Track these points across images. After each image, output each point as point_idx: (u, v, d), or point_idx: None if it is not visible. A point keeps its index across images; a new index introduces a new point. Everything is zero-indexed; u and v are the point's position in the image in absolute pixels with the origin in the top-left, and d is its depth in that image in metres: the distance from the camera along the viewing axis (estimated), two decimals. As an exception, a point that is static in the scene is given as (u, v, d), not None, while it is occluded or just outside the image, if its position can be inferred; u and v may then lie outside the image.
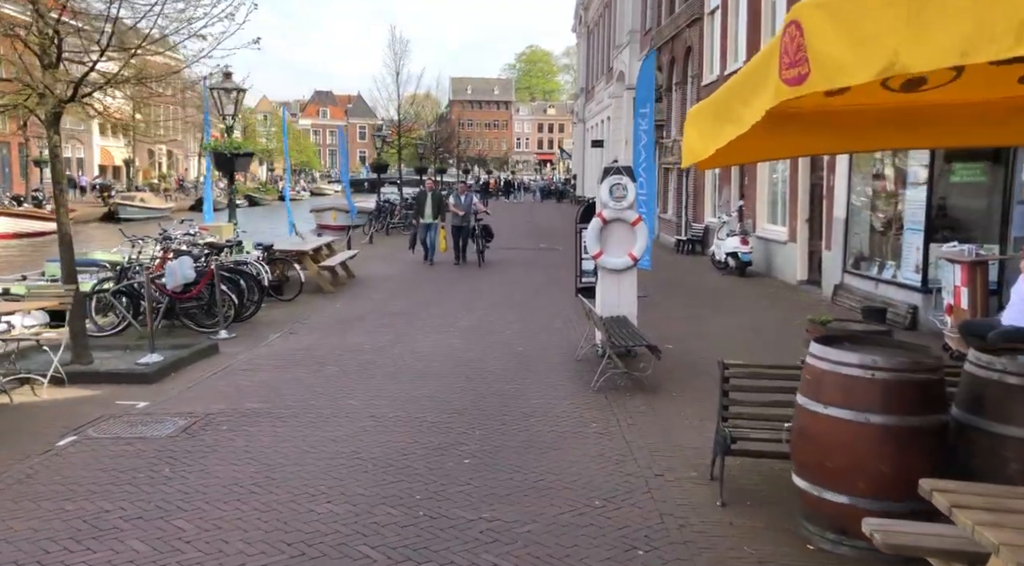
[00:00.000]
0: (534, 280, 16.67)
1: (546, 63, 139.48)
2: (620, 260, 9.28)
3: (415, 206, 20.49)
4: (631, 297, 9.38)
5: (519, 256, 21.51)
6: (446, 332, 11.03)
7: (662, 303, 13.05)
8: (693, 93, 23.73)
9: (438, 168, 54.29)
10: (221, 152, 14.54)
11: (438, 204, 19.10)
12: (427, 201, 19.15)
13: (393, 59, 38.31)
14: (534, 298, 14.24)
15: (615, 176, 9.23)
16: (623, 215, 9.25)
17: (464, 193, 19.80)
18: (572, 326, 11.50)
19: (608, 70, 42.33)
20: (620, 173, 9.24)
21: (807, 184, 15.14)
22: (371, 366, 8.99)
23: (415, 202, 21.23)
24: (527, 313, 12.67)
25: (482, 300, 13.99)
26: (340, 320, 12.09)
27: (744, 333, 10.95)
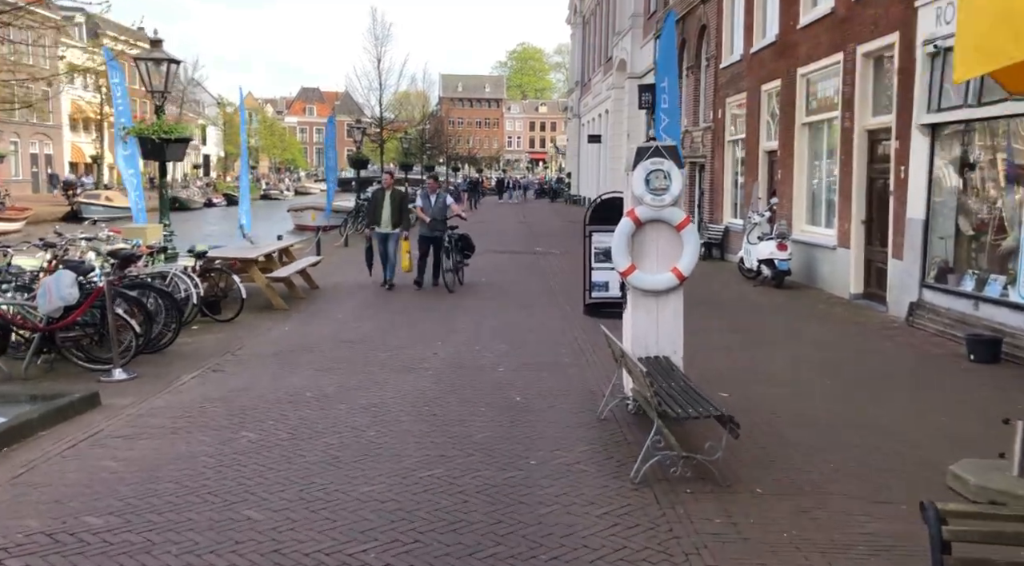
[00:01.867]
0: (530, 293, 13.94)
1: (538, 61, 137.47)
2: (661, 278, 6.57)
3: (368, 210, 14.62)
4: (675, 330, 6.67)
5: (511, 263, 18.75)
6: (417, 370, 8.29)
7: (691, 324, 10.33)
8: (708, 77, 21.07)
9: (426, 165, 51.50)
10: (148, 137, 11.76)
11: (400, 207, 13.83)
12: (384, 203, 13.83)
13: (374, 45, 35.41)
14: (531, 318, 11.51)
15: (653, 159, 6.51)
16: (665, 214, 6.54)
17: (434, 192, 14.27)
18: (584, 359, 8.79)
19: (607, 60, 39.67)
20: (660, 155, 6.53)
21: (864, 178, 12.46)
22: (305, 432, 6.25)
23: (368, 204, 14.94)
24: (524, 340, 9.94)
25: (466, 321, 11.26)
26: (284, 350, 9.35)
27: (816, 373, 8.25)
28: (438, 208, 14.04)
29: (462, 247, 14.38)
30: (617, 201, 12.14)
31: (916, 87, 10.48)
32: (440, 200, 14.13)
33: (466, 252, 14.54)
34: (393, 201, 13.87)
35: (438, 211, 14.00)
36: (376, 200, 14.11)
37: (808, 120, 14.74)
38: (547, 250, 21.51)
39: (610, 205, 11.83)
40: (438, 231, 13.91)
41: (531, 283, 15.06)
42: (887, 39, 11.44)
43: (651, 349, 6.63)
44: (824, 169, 14.43)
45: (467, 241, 14.51)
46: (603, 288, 11.66)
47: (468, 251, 14.59)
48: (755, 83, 17.27)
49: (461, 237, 14.38)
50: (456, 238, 14.20)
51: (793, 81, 15.03)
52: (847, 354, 9.15)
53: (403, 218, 13.85)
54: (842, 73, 12.94)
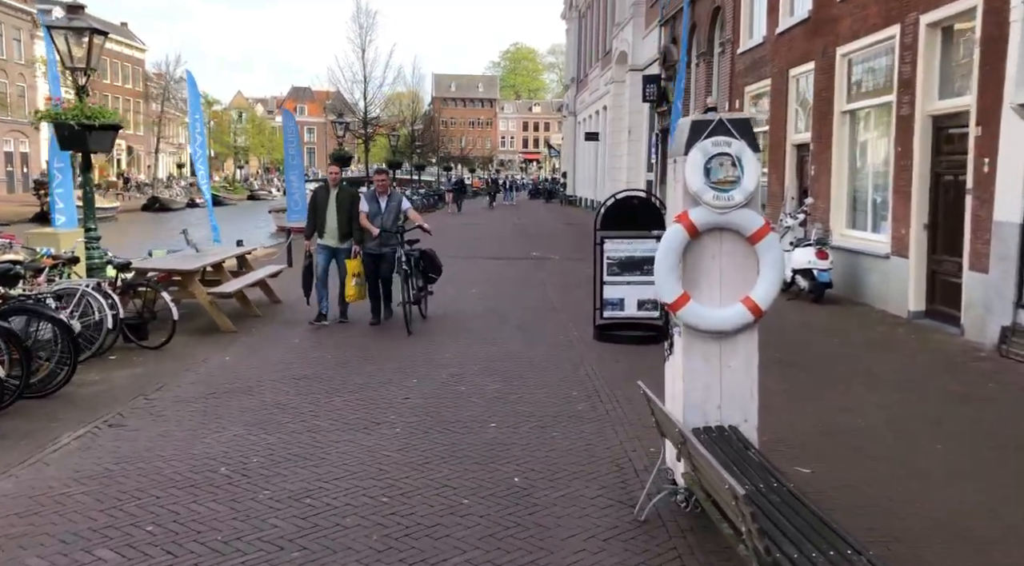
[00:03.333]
0: (528, 310, 11.84)
1: (531, 61, 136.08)
2: (727, 313, 4.49)
3: (308, 215, 10.67)
4: (747, 388, 4.58)
5: (505, 271, 16.64)
6: (378, 427, 6.18)
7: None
8: (724, 64, 19.01)
9: (416, 165, 49.43)
10: (64, 123, 9.62)
11: (350, 211, 10.16)
12: (329, 207, 10.21)
13: (358, 34, 33.23)
14: (530, 345, 9.41)
15: (716, 139, 4.43)
16: (734, 220, 4.45)
17: (385, 193, 10.35)
18: (603, 405, 6.70)
19: (605, 54, 37.63)
20: (727, 133, 4.45)
21: (927, 173, 10.42)
22: (196, 547, 4.15)
23: (309, 208, 10.82)
24: (522, 377, 7.84)
25: (450, 349, 9.17)
26: (214, 391, 7.24)
27: (916, 431, 6.18)
28: (390, 215, 10.16)
29: (425, 268, 10.58)
30: (635, 202, 10.05)
31: (1010, 59, 8.43)
32: (393, 204, 10.25)
33: (430, 275, 10.73)
34: (341, 204, 10.17)
35: (390, 219, 10.14)
36: (318, 202, 10.32)
37: (850, 107, 12.69)
38: (545, 255, 19.43)
39: (625, 207, 9.79)
40: (389, 247, 10.09)
41: (528, 297, 12.95)
42: (964, 2, 9.40)
43: (711, 416, 4.55)
44: (871, 164, 12.38)
45: (431, 261, 10.67)
46: (617, 306, 9.60)
47: (432, 273, 10.77)
48: (781, 67, 15.23)
49: (423, 255, 10.57)
50: (416, 257, 10.37)
51: (831, 63, 12.98)
52: (942, 400, 7.08)
53: (353, 227, 10.19)
54: (898, 49, 10.89)
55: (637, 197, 9.82)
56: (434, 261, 10.79)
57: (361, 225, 10.11)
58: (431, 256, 10.75)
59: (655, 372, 8.19)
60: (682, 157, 4.49)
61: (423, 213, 38.84)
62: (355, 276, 9.97)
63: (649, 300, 9.49)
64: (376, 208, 10.18)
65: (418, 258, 10.46)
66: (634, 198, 9.80)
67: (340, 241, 10.26)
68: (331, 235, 10.30)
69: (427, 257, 10.68)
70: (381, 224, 10.08)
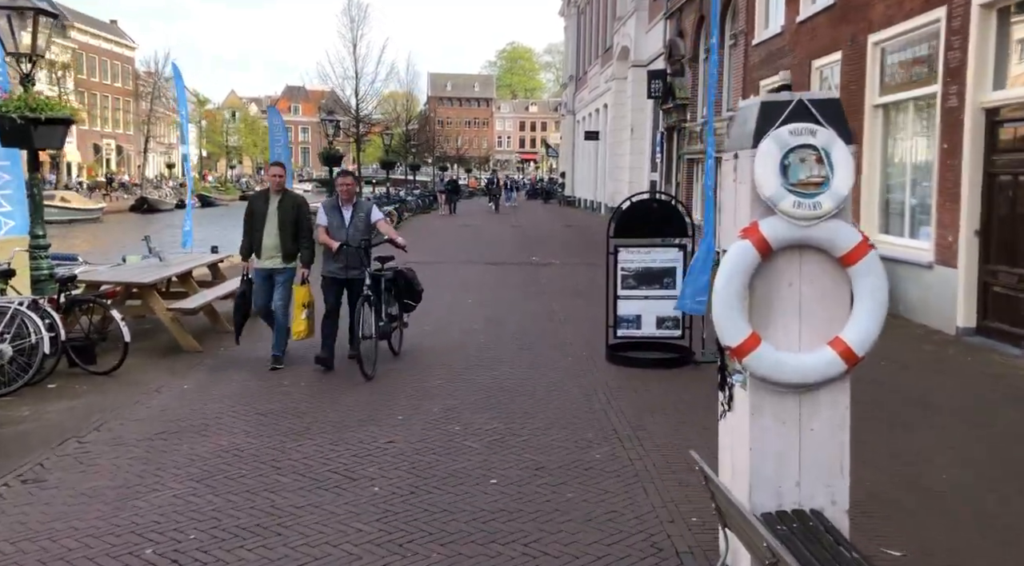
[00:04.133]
0: (529, 326, 10.69)
1: (528, 60, 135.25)
2: (810, 359, 3.34)
3: (244, 228, 8.26)
4: (836, 459, 3.43)
5: (502, 278, 15.48)
6: (354, 484, 5.02)
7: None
8: (736, 57, 17.90)
9: (410, 164, 48.23)
10: (5, 116, 8.44)
11: (294, 224, 8.02)
12: (268, 218, 8.02)
13: (349, 28, 31.99)
14: (534, 369, 8.26)
15: (797, 125, 3.30)
16: (820, 235, 3.31)
17: (350, 202, 8.11)
18: (626, 451, 5.55)
19: (605, 50, 36.52)
20: (809, 117, 3.31)
21: (979, 172, 9.29)
22: None
23: (244, 220, 8.31)
24: (526, 413, 6.69)
25: (441, 373, 8.02)
26: (162, 431, 6.09)
27: (1013, 488, 5.05)
28: (356, 229, 7.93)
29: (401, 293, 8.57)
30: (653, 205, 8.93)
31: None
32: (360, 215, 8.01)
33: (407, 302, 8.68)
34: (284, 215, 7.93)
35: (356, 233, 7.91)
36: (254, 212, 8.07)
37: (883, 100, 11.56)
38: (545, 260, 18.28)
39: (641, 211, 8.65)
40: (355, 268, 7.89)
41: (529, 308, 11.80)
42: (1027, -21, 8.29)
43: (787, 496, 3.40)
44: (908, 162, 11.25)
45: (409, 283, 8.59)
46: (633, 324, 8.46)
47: (409, 299, 8.70)
48: (803, 59, 14.11)
49: (398, 275, 8.49)
50: (388, 278, 8.35)
51: (861, 52, 11.85)
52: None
53: (301, 244, 8.01)
54: (944, 34, 9.77)
55: (656, 200, 8.67)
56: (412, 284, 8.60)
57: (320, 241, 8.00)
58: (408, 277, 8.59)
59: (682, 406, 6.96)
60: (748, 151, 3.36)
61: (418, 215, 37.73)
62: (305, 307, 7.86)
63: (670, 317, 8.36)
64: (338, 220, 7.96)
65: (391, 279, 8.39)
66: (653, 201, 8.66)
67: (284, 262, 8.00)
68: (270, 254, 7.98)
69: (402, 278, 8.52)
70: (346, 239, 7.85)
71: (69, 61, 54.44)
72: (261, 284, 8.12)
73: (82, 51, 62.39)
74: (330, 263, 8.01)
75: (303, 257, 8.06)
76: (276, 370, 7.92)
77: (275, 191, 8.14)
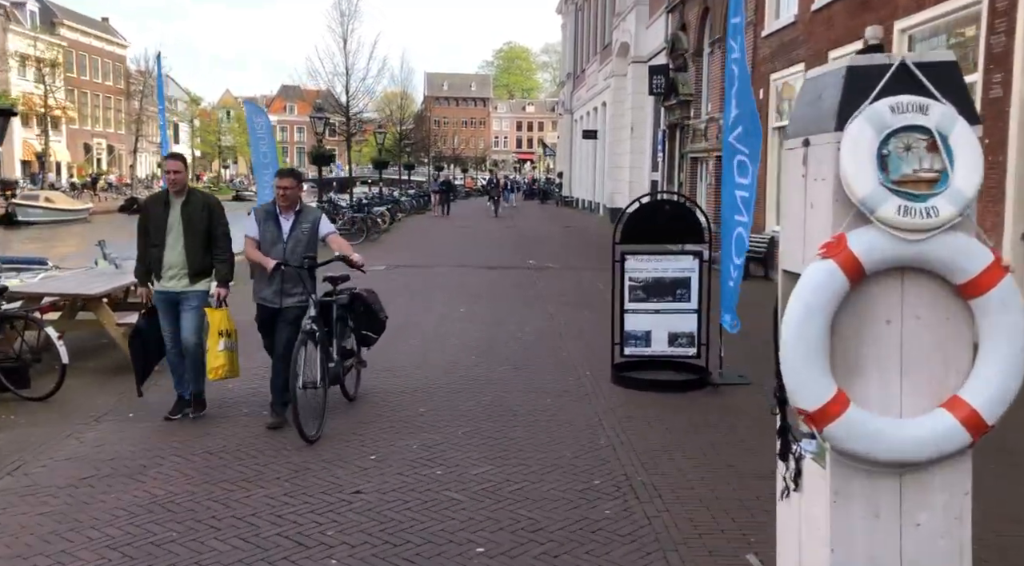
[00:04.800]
0: (526, 339, 9.73)
1: (525, 60, 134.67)
2: (915, 428, 2.37)
3: (138, 243, 6.38)
4: (953, 559, 2.46)
5: (497, 284, 14.49)
6: (305, 554, 4.05)
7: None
8: (744, 50, 16.90)
9: (405, 164, 47.21)
10: (-64, 106, 7.46)
11: (205, 233, 6.21)
12: (169, 227, 6.17)
13: (340, 22, 30.96)
14: (529, 393, 7.30)
15: (899, 99, 2.33)
16: (934, 251, 2.34)
17: (290, 209, 6.14)
18: (640, 508, 4.57)
19: (604, 47, 35.56)
20: (919, 88, 2.34)
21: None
22: None
23: (138, 232, 6.36)
24: (519, 450, 5.72)
25: (424, 395, 7.06)
26: (89, 477, 5.11)
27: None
28: (298, 243, 6.11)
29: (359, 322, 6.73)
30: (665, 208, 7.97)
31: None
32: (304, 227, 6.15)
33: (366, 334, 6.82)
34: (190, 221, 6.14)
35: (297, 249, 6.09)
36: (150, 220, 6.25)
37: (911, 93, 10.61)
38: (542, 264, 17.31)
39: (651, 214, 7.69)
40: (297, 294, 6.08)
41: (525, 317, 10.83)
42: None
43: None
44: (938, 160, 10.30)
45: (369, 309, 6.75)
46: (641, 341, 7.50)
47: (371, 330, 6.84)
48: (818, 50, 13.16)
49: (355, 301, 6.66)
50: (343, 304, 6.55)
51: (886, 41, 10.89)
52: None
53: (215, 257, 6.24)
54: (987, 17, 8.83)
55: (669, 202, 7.70)
56: (372, 311, 6.75)
57: (249, 259, 6.27)
58: (368, 302, 6.73)
59: (702, 441, 5.82)
60: (828, 136, 2.40)
61: (412, 215, 36.74)
62: (223, 336, 6.02)
63: (684, 333, 7.40)
64: (273, 233, 6.07)
65: (346, 305, 6.54)
66: (665, 203, 7.70)
67: (193, 282, 6.18)
68: (174, 274, 6.15)
69: (360, 304, 6.68)
70: (284, 258, 5.99)
71: (55, 58, 53.19)
72: (165, 313, 6.27)
73: (72, 49, 61.27)
74: (262, 287, 6.14)
75: (219, 273, 6.22)
76: (199, 418, 6.31)
77: (175, 192, 6.16)
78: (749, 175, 7.32)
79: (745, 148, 7.32)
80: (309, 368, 5.91)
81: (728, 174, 7.59)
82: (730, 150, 7.54)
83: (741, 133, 7.36)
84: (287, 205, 6.11)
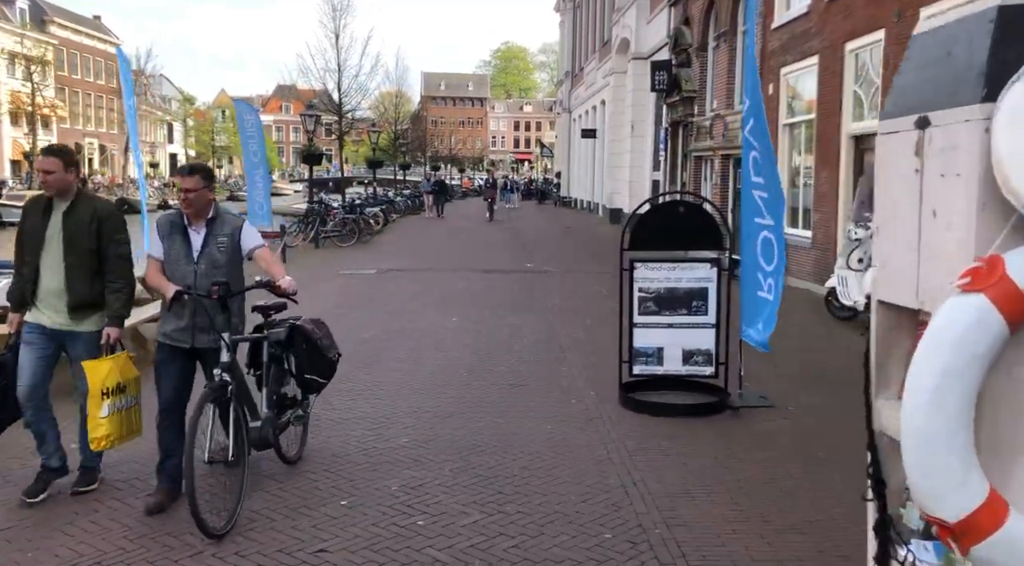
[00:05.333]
0: (523, 352, 8.95)
1: (522, 60, 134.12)
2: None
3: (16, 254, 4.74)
4: None
5: (493, 289, 13.69)
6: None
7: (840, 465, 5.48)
8: (752, 44, 16.13)
9: (400, 164, 46.40)
10: None
11: (94, 251, 4.62)
12: (47, 239, 4.61)
13: (331, 17, 30.12)
14: (528, 416, 6.52)
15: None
16: None
17: (201, 219, 4.66)
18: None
19: (603, 44, 34.81)
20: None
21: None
22: None
23: (16, 240, 4.75)
24: (516, 488, 4.93)
25: (409, 424, 6.27)
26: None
27: None
28: (212, 264, 4.63)
29: (301, 364, 5.11)
30: (680, 210, 7.17)
31: None
32: (219, 241, 4.68)
33: (311, 378, 5.15)
34: (70, 238, 4.62)
35: (210, 271, 4.59)
36: (29, 229, 4.70)
37: (939, 85, 9.83)
38: (540, 267, 16.53)
39: (663, 217, 6.91)
40: (208, 331, 4.59)
41: (522, 330, 10.03)
42: None
43: None
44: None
45: (313, 346, 5.11)
46: (653, 358, 6.72)
47: (317, 374, 5.17)
48: (835, 41, 12.39)
49: (294, 335, 5.04)
50: (279, 342, 4.99)
51: (911, 29, 10.12)
52: None
53: (107, 286, 4.65)
54: None
55: (683, 203, 6.91)
56: (317, 349, 5.09)
57: (149, 285, 5.17)
58: (313, 338, 5.09)
59: (728, 478, 5.02)
60: (966, 110, 1.61)
61: (407, 216, 35.90)
62: (110, 396, 4.49)
63: (700, 350, 6.62)
64: (180, 250, 4.62)
65: (282, 343, 4.97)
66: (679, 204, 6.92)
67: (72, 318, 4.64)
68: (51, 302, 4.63)
69: (302, 340, 5.03)
70: (194, 283, 4.56)
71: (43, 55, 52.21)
72: (35, 351, 4.61)
73: (63, 47, 60.42)
74: (168, 320, 4.62)
75: (110, 307, 4.63)
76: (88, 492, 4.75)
77: (58, 196, 4.64)
78: (763, 173, 6.57)
79: (757, 144, 6.58)
80: (218, 435, 4.40)
81: (745, 172, 6.83)
82: (747, 145, 6.79)
83: (754, 126, 6.60)
84: (194, 213, 4.60)
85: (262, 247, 4.82)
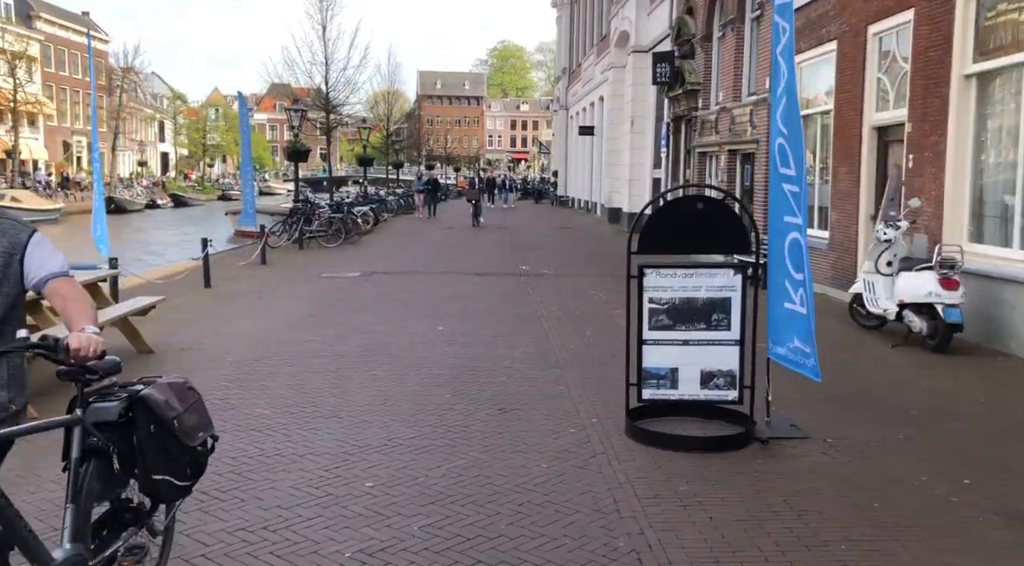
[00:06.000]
0: (514, 359, 7.94)
1: (519, 59, 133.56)
2: None
3: None
4: None
5: (488, 294, 12.68)
6: None
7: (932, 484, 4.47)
8: (762, 30, 15.19)
9: (392, 162, 45.38)
10: None
11: None
12: None
13: (318, 8, 29.11)
14: (519, 450, 5.53)
15: None
16: None
17: None
18: None
19: (601, 38, 33.86)
20: None
21: None
22: None
23: None
24: (505, 551, 3.93)
25: (377, 459, 5.27)
26: None
27: None
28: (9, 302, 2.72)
29: (147, 461, 2.86)
30: (699, 206, 6.14)
31: None
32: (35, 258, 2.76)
33: (161, 479, 2.90)
34: None
35: None
36: None
37: (978, 68, 8.86)
38: (536, 270, 15.53)
39: (677, 216, 5.90)
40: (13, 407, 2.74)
41: (517, 339, 9.03)
42: None
43: None
44: (1014, 149, 8.56)
45: (165, 430, 2.88)
46: (665, 380, 5.72)
47: (171, 475, 2.93)
48: (854, 25, 11.42)
49: (134, 413, 2.84)
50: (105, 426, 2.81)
51: (946, 7, 9.17)
52: None
53: None
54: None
55: (703, 198, 5.89)
56: (171, 433, 2.93)
57: None
58: (165, 420, 2.91)
59: (761, 534, 3.94)
60: None
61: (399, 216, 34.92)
62: None
63: (723, 372, 5.63)
64: None
65: (115, 426, 2.83)
66: (698, 199, 5.90)
67: None
68: None
69: (150, 419, 2.87)
70: None
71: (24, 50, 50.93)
72: None
73: (50, 43, 59.30)
74: None
75: None
76: None
77: None
78: (793, 164, 5.59)
79: (785, 128, 5.60)
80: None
81: (772, 162, 5.85)
82: (775, 130, 5.80)
83: (785, 108, 5.61)
84: None
85: (63, 276, 2.84)
